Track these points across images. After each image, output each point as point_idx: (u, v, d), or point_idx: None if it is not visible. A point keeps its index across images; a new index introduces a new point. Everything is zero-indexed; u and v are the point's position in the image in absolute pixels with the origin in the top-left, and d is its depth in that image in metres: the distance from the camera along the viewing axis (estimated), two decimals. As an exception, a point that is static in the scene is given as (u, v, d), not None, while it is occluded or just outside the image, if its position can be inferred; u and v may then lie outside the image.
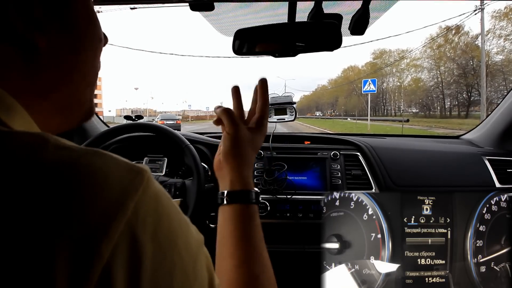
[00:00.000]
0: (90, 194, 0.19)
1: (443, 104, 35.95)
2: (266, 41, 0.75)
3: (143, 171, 0.22)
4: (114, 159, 0.21)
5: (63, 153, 0.20)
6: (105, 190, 0.19)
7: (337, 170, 1.02)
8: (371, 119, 21.25)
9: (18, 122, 0.23)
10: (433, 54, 36.37)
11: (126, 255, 0.18)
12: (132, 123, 0.96)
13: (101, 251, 0.17)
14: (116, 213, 0.19)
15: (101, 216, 0.18)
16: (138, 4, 0.85)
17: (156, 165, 1.07)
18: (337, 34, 0.70)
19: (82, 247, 0.17)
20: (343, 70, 69.88)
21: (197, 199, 0.85)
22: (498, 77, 27.06)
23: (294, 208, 0.96)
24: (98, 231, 0.18)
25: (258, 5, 0.78)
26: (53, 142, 0.21)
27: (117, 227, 0.18)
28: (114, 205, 0.19)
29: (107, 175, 0.20)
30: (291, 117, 1.06)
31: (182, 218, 0.24)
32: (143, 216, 0.20)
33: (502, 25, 25.38)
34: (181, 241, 0.22)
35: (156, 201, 0.22)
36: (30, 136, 0.21)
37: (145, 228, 0.20)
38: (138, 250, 0.19)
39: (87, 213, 0.18)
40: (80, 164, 0.20)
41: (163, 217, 0.22)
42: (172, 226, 0.22)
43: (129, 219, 0.19)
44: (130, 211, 0.19)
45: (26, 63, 0.25)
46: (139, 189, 0.20)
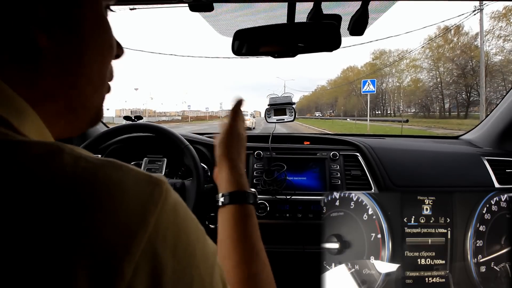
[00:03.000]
0: (109, 210, 0.18)
1: (442, 104, 36.01)
2: (265, 41, 0.75)
3: (162, 183, 0.21)
4: (132, 171, 0.21)
5: (79, 165, 0.19)
6: (125, 205, 0.18)
7: (336, 171, 1.02)
8: (371, 120, 21.27)
9: (30, 127, 0.23)
10: (432, 55, 36.44)
11: (148, 272, 0.18)
12: (132, 124, 0.96)
13: (123, 271, 0.17)
14: (137, 229, 0.18)
15: (122, 233, 0.18)
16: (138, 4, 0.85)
17: (156, 165, 1.07)
18: (336, 34, 0.70)
19: (104, 266, 0.17)
20: (343, 70, 70.02)
21: (196, 200, 0.85)
22: (497, 78, 27.12)
23: (293, 208, 0.96)
24: (120, 250, 0.17)
25: (258, 6, 0.78)
26: (68, 152, 0.20)
27: (139, 244, 0.18)
28: (135, 221, 0.18)
29: (126, 189, 0.19)
30: (291, 118, 1.06)
31: (199, 228, 0.24)
32: (164, 231, 0.19)
33: (501, 26, 25.46)
34: (199, 253, 0.22)
35: (175, 213, 0.21)
36: (44, 147, 0.20)
37: (166, 243, 0.19)
38: (159, 267, 0.18)
39: (107, 230, 0.17)
40: (97, 178, 0.19)
41: (182, 229, 0.21)
42: (191, 239, 0.22)
43: (150, 235, 0.18)
44: (151, 226, 0.19)
45: (29, 65, 0.24)
46: (159, 203, 0.20)
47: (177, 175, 1.06)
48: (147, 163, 1.07)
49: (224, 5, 0.73)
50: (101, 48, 0.29)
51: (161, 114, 75.68)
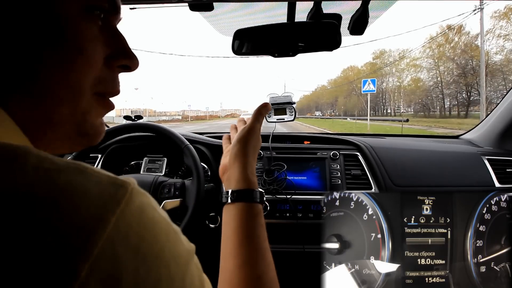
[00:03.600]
0: (67, 211, 0.18)
1: (442, 104, 35.98)
2: (265, 41, 0.75)
3: (126, 184, 0.21)
4: (96, 174, 0.21)
5: (42, 166, 0.19)
6: (84, 206, 0.18)
7: (336, 170, 1.02)
8: (371, 119, 21.26)
9: (1, 132, 0.22)
10: (432, 54, 36.41)
11: (106, 271, 0.18)
12: (132, 123, 0.96)
13: (77, 270, 0.17)
14: (95, 228, 0.18)
15: (79, 233, 0.18)
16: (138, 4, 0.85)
17: (156, 165, 1.07)
18: (337, 34, 0.70)
19: (57, 267, 0.16)
20: (343, 70, 69.98)
21: (196, 199, 0.85)
22: (498, 77, 27.08)
23: (294, 208, 0.96)
24: (75, 249, 0.17)
25: (258, 5, 0.77)
26: (34, 154, 0.20)
27: (96, 242, 0.18)
28: (93, 220, 0.18)
29: (87, 191, 0.19)
30: (291, 117, 1.06)
31: (170, 228, 0.23)
32: (126, 230, 0.19)
33: (501, 25, 25.42)
34: (168, 253, 0.22)
35: (141, 213, 0.21)
36: (9, 148, 0.19)
37: (128, 242, 0.19)
38: (118, 266, 0.18)
39: (63, 231, 0.17)
40: (58, 180, 0.19)
41: (148, 229, 0.21)
42: (159, 238, 0.21)
43: (110, 234, 0.18)
44: (110, 225, 0.19)
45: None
46: (121, 203, 0.20)
47: (177, 174, 1.06)
48: (147, 163, 1.07)
49: (224, 4, 0.73)
50: (63, 54, 0.25)
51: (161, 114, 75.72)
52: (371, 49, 73.67)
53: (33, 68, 0.24)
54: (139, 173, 1.05)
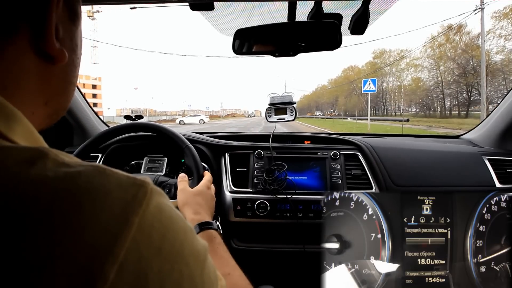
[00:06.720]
0: (90, 213, 0.18)
1: (443, 103, 35.93)
2: (266, 40, 0.75)
3: (146, 184, 0.21)
4: (115, 175, 0.21)
5: (61, 170, 0.19)
6: (107, 208, 0.19)
7: (337, 170, 1.02)
8: (371, 119, 21.24)
9: (18, 132, 0.23)
10: (433, 54, 36.35)
11: (133, 272, 0.18)
12: (132, 123, 0.96)
13: (105, 272, 0.17)
14: (120, 230, 0.18)
15: (104, 235, 0.18)
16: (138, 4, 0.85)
17: (156, 165, 1.07)
18: (337, 33, 0.70)
19: (85, 269, 0.17)
20: (343, 69, 69.84)
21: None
22: (498, 77, 27.04)
23: (294, 208, 0.96)
24: (102, 251, 0.17)
25: (258, 5, 0.77)
26: (51, 158, 0.20)
27: (123, 244, 0.18)
28: (118, 222, 0.18)
29: (108, 193, 0.19)
30: (291, 117, 1.06)
31: (187, 226, 0.24)
32: (149, 230, 0.20)
33: (502, 25, 25.37)
34: (187, 250, 0.22)
35: (160, 212, 0.21)
36: (28, 152, 0.20)
37: (151, 243, 0.19)
38: (144, 266, 0.19)
39: (89, 233, 0.17)
40: (79, 183, 0.19)
41: (168, 228, 0.21)
42: (178, 237, 0.22)
43: (134, 235, 0.19)
44: (135, 226, 0.19)
45: (42, 72, 0.26)
46: (142, 203, 0.20)
47: (177, 174, 1.06)
48: (148, 163, 1.08)
49: (224, 4, 0.73)
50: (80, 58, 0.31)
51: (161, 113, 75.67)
52: (371, 48, 73.71)
53: (76, 73, 0.31)
54: (139, 173, 1.05)
